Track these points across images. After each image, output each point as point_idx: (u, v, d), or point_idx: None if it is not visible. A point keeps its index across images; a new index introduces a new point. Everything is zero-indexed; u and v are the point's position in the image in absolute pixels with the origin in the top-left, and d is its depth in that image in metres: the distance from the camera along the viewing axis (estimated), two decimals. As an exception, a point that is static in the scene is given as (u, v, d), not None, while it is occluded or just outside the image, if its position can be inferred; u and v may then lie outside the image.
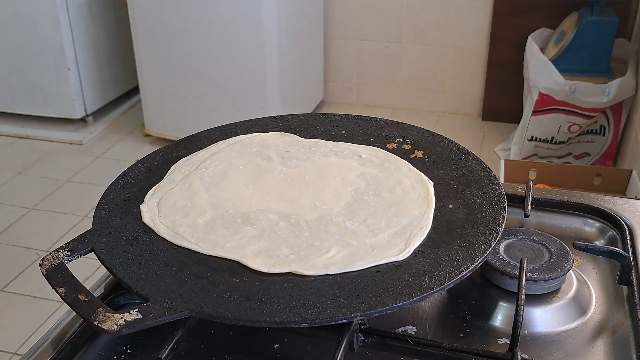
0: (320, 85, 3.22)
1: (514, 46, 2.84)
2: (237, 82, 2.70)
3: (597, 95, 2.38)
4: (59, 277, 0.63)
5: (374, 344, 0.65)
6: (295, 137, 0.88)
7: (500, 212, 0.71)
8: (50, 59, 2.86)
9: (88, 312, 0.58)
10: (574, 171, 2.25)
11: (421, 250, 0.66)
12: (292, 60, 2.79)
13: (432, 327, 0.70)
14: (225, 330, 0.69)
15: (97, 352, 0.67)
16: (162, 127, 2.83)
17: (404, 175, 0.78)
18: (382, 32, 3.10)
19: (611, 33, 2.43)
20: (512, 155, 2.61)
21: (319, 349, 0.66)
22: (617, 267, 0.75)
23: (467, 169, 0.80)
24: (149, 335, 0.68)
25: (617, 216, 0.84)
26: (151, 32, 2.70)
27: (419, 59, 3.12)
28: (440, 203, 0.74)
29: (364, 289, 0.61)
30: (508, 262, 0.72)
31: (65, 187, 2.59)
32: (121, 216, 0.73)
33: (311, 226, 0.70)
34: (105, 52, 3.06)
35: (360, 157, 0.82)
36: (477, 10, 2.93)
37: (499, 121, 3.06)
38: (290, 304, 0.59)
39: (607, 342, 0.68)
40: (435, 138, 0.87)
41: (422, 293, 0.60)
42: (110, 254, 0.66)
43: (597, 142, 2.56)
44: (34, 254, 2.16)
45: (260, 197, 0.75)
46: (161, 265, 0.65)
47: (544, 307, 0.71)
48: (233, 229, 0.70)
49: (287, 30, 2.69)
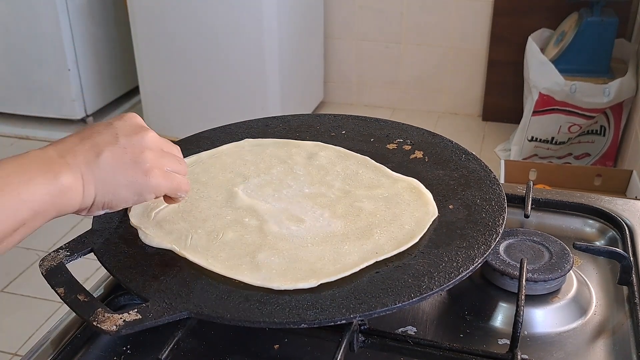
0: (320, 86, 3.22)
1: (514, 46, 2.84)
2: (238, 83, 2.70)
3: (598, 96, 2.38)
4: (59, 277, 0.63)
5: (374, 344, 0.65)
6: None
7: (500, 213, 0.71)
8: (50, 59, 2.86)
9: (87, 313, 0.58)
10: (574, 171, 2.25)
11: (421, 251, 0.66)
12: (292, 60, 2.78)
13: (432, 327, 0.70)
14: (225, 331, 0.69)
15: (97, 353, 0.67)
16: (162, 127, 2.83)
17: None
18: (382, 32, 3.10)
19: (611, 33, 2.43)
20: (512, 156, 2.61)
21: (319, 349, 0.66)
22: (618, 267, 0.75)
23: (467, 169, 0.80)
24: (148, 335, 0.68)
25: (618, 216, 0.84)
26: (151, 32, 2.70)
27: (419, 59, 3.12)
28: (440, 204, 0.73)
29: (364, 290, 0.61)
30: (508, 263, 0.72)
31: (65, 187, 2.59)
32: (121, 217, 0.73)
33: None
34: (105, 52, 3.06)
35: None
36: (477, 11, 2.93)
37: (499, 121, 3.06)
38: (289, 305, 0.59)
39: (608, 343, 0.68)
40: (436, 138, 0.87)
41: (422, 294, 0.60)
42: (109, 254, 0.66)
43: (597, 143, 2.56)
44: (34, 254, 2.16)
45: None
46: (161, 266, 0.65)
47: (544, 308, 0.71)
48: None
49: (287, 30, 2.69)
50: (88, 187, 0.59)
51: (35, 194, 0.55)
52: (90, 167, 0.59)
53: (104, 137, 0.61)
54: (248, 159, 0.84)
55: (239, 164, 0.83)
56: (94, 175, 0.59)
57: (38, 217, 0.56)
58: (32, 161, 0.57)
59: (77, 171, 0.58)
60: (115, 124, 0.64)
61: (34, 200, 0.55)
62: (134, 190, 0.62)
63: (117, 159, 0.60)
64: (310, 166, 0.82)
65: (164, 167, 0.64)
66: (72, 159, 0.58)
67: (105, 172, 0.60)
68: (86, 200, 0.59)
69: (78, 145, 0.60)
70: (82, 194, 0.58)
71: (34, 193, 0.55)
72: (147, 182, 0.62)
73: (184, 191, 0.67)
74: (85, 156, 0.59)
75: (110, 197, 0.61)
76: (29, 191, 0.54)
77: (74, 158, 0.59)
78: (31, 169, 0.56)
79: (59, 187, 0.56)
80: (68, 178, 0.57)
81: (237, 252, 0.66)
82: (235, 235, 0.69)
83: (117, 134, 0.62)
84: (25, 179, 0.55)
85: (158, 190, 0.64)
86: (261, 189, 0.77)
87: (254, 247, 0.67)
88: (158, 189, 0.63)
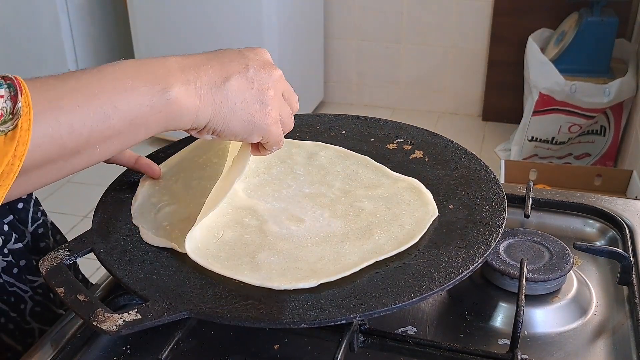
0: (320, 86, 3.21)
1: (514, 46, 2.84)
2: (237, 82, 2.70)
3: (598, 96, 2.38)
4: (59, 277, 0.63)
5: (374, 344, 0.65)
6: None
7: (500, 213, 0.71)
8: (50, 59, 2.86)
9: (87, 313, 0.58)
10: (575, 171, 2.25)
11: (421, 251, 0.66)
12: (292, 60, 2.78)
13: (432, 327, 0.70)
14: (225, 331, 0.69)
15: (97, 353, 0.67)
16: (162, 127, 2.83)
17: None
18: (382, 32, 3.10)
19: (611, 33, 2.43)
20: (512, 156, 2.61)
21: (319, 349, 0.66)
22: (618, 267, 0.75)
23: (468, 169, 0.80)
24: (148, 335, 0.68)
25: (618, 216, 0.84)
26: (151, 32, 2.70)
27: (419, 59, 3.12)
28: (440, 204, 0.73)
29: (364, 290, 0.61)
30: (508, 263, 0.72)
31: (64, 187, 2.59)
32: (121, 216, 0.73)
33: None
34: (105, 52, 3.06)
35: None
36: (477, 10, 2.93)
37: (500, 121, 3.06)
38: (289, 305, 0.59)
39: (608, 343, 0.68)
40: (436, 138, 0.87)
41: (422, 294, 0.59)
42: (109, 254, 0.66)
43: (597, 143, 2.56)
44: (34, 254, 2.16)
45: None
46: (160, 266, 0.65)
47: (544, 308, 0.71)
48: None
49: (287, 30, 2.69)
50: (204, 109, 0.56)
51: (132, 104, 0.52)
52: (213, 89, 0.56)
53: (234, 65, 0.59)
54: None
55: None
56: (214, 99, 0.57)
57: (137, 128, 0.54)
58: (147, 69, 0.54)
59: (196, 89, 0.56)
60: (246, 53, 0.61)
61: (129, 109, 0.52)
62: (247, 127, 0.59)
63: (243, 90, 0.58)
64: (310, 166, 0.81)
65: (279, 114, 0.62)
66: (194, 76, 0.56)
67: (227, 99, 0.57)
68: (199, 121, 0.57)
69: (205, 64, 0.58)
70: (195, 114, 0.56)
71: (130, 102, 0.52)
72: (264, 123, 0.60)
73: (279, 147, 0.65)
74: (210, 77, 0.57)
75: (223, 126, 0.58)
76: (125, 100, 0.52)
77: (197, 76, 0.56)
78: (140, 77, 0.53)
79: (166, 100, 0.54)
80: (180, 93, 0.54)
81: (236, 252, 0.66)
82: (235, 234, 0.69)
83: (248, 65, 0.60)
84: (127, 86, 0.52)
85: (268, 136, 0.61)
86: (261, 189, 0.77)
87: (253, 247, 0.67)
88: (269, 134, 0.61)
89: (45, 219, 0.85)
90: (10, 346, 0.77)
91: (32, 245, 0.81)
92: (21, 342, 0.77)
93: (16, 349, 0.76)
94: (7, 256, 0.76)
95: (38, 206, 0.85)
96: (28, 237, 0.81)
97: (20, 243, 0.78)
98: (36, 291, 0.80)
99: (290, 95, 0.65)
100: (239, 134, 0.60)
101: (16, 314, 0.78)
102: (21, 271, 0.78)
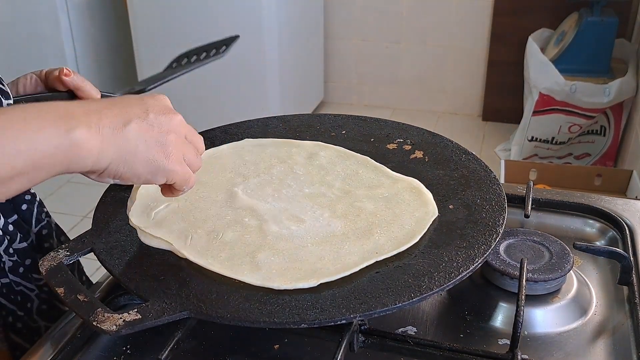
0: (320, 86, 3.22)
1: (514, 46, 2.84)
2: (237, 82, 2.69)
3: (598, 96, 2.38)
4: (59, 277, 0.63)
5: (374, 344, 0.65)
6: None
7: (500, 213, 0.71)
8: (50, 59, 2.86)
9: (87, 313, 0.58)
10: (575, 171, 2.25)
11: (421, 251, 0.66)
12: (292, 60, 2.78)
13: (432, 327, 0.70)
14: (225, 331, 0.69)
15: (97, 353, 0.67)
16: (162, 127, 2.83)
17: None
18: (382, 32, 3.10)
19: (611, 33, 2.43)
20: (512, 156, 2.61)
21: (319, 349, 0.66)
22: (618, 267, 0.75)
23: (468, 169, 0.80)
24: (148, 335, 0.68)
25: (618, 216, 0.84)
26: (151, 32, 2.70)
27: (419, 59, 3.12)
28: (440, 204, 0.73)
29: (364, 290, 0.61)
30: (508, 263, 0.72)
31: (64, 187, 2.59)
32: (121, 216, 0.73)
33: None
34: (105, 52, 3.06)
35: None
36: (477, 10, 2.93)
37: (499, 121, 3.06)
38: (289, 305, 0.59)
39: (608, 343, 0.68)
40: (436, 138, 0.87)
41: (422, 294, 0.59)
42: (109, 254, 0.66)
43: (597, 143, 2.56)
44: (34, 254, 2.16)
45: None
46: (161, 266, 0.65)
47: (544, 308, 0.71)
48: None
49: (287, 30, 2.69)
50: (106, 151, 0.57)
51: (38, 145, 0.53)
52: (114, 132, 0.57)
53: (134, 109, 0.60)
54: (248, 159, 0.84)
55: (239, 164, 0.83)
56: (115, 142, 0.58)
57: (40, 169, 0.54)
58: (51, 111, 0.55)
59: (98, 132, 0.56)
60: (146, 100, 0.62)
61: (34, 150, 0.53)
62: (150, 169, 0.60)
63: (143, 133, 0.59)
64: (310, 166, 0.81)
65: (182, 156, 0.63)
66: (96, 120, 0.57)
67: (127, 142, 0.58)
68: (100, 164, 0.57)
69: (107, 109, 0.59)
70: (96, 156, 0.57)
71: (36, 143, 0.53)
72: (166, 164, 0.61)
73: (190, 187, 0.65)
74: (111, 121, 0.58)
75: (125, 168, 0.59)
76: (30, 140, 0.52)
77: (99, 120, 0.57)
78: (45, 119, 0.54)
79: (70, 142, 0.54)
80: (82, 135, 0.55)
81: (237, 252, 0.66)
82: (235, 235, 0.69)
83: (148, 110, 0.61)
84: (33, 128, 0.53)
85: (172, 177, 0.62)
86: (261, 189, 0.77)
87: (253, 247, 0.67)
88: (172, 175, 0.62)
89: (49, 220, 0.86)
90: (19, 345, 0.77)
91: (36, 245, 0.82)
92: (29, 341, 0.77)
93: (25, 348, 0.77)
94: (12, 255, 0.77)
95: (42, 207, 0.85)
96: (32, 237, 0.81)
97: (25, 242, 0.79)
98: (42, 289, 0.80)
99: (194, 137, 0.66)
100: (142, 175, 0.61)
101: (23, 313, 0.78)
102: (27, 270, 0.78)
